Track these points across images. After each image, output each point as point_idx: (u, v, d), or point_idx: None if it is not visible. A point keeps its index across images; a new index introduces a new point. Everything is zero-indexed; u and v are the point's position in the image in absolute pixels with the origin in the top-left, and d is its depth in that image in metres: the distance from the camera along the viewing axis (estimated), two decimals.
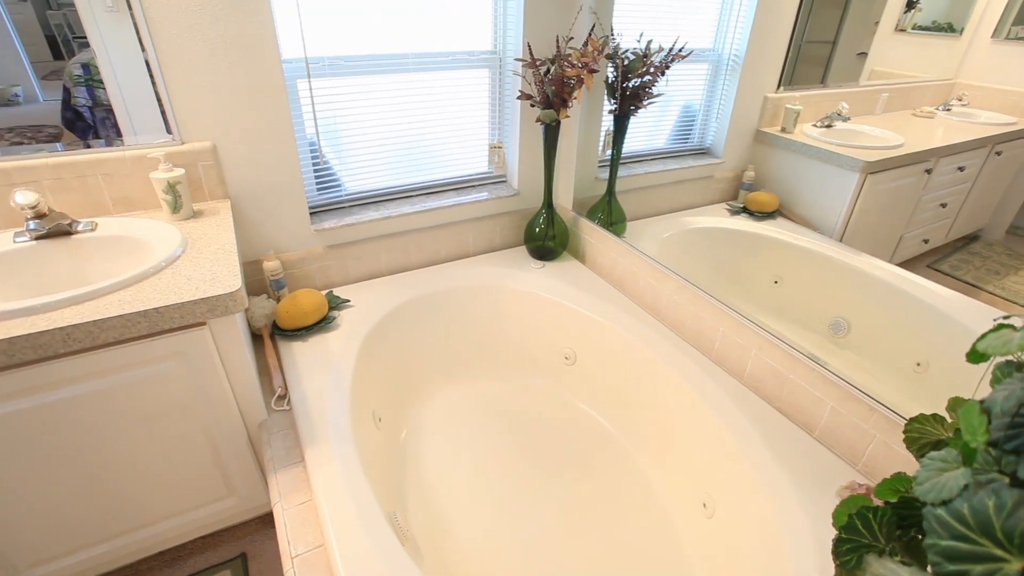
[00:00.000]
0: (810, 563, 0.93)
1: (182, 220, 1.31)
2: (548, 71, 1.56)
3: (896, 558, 0.49)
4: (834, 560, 0.51)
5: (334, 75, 1.51)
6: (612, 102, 1.67)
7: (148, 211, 1.35)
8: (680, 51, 1.47)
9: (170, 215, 1.31)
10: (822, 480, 1.09)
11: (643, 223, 1.70)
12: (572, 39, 1.67)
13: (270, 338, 1.47)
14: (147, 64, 1.24)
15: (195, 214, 1.35)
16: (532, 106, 1.65)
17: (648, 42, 1.52)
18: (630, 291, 1.72)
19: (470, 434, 1.59)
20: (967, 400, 0.47)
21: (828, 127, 1.23)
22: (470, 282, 1.75)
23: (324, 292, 1.63)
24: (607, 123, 1.73)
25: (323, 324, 1.49)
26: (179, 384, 1.12)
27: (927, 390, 1.05)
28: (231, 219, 1.33)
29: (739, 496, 1.16)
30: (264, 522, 1.48)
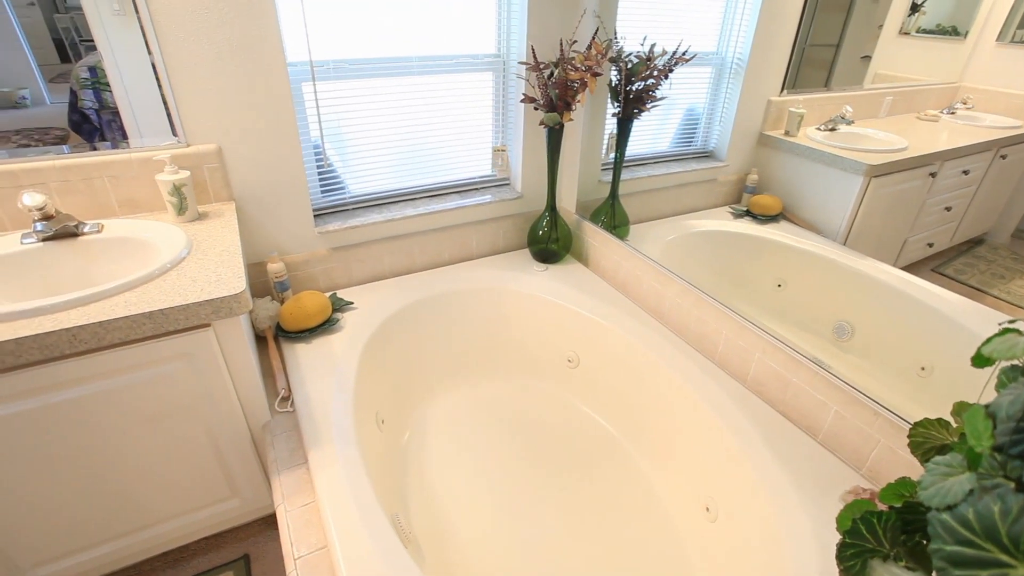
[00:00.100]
0: (813, 568, 0.93)
1: (187, 222, 1.32)
2: (552, 74, 1.56)
3: (901, 563, 0.49)
4: (838, 565, 0.51)
5: (338, 78, 1.51)
6: (615, 105, 1.67)
7: (154, 213, 1.36)
8: (683, 54, 1.48)
9: (175, 217, 1.32)
10: (826, 484, 1.09)
11: (646, 226, 1.70)
12: (576, 42, 1.67)
13: (274, 340, 1.47)
14: (153, 67, 1.25)
15: (200, 216, 1.35)
16: (535, 109, 1.65)
17: (652, 45, 1.52)
18: (633, 294, 1.72)
19: (473, 436, 1.59)
20: (972, 404, 0.47)
21: (832, 130, 1.23)
22: (473, 285, 1.76)
23: (328, 294, 1.64)
24: (610, 126, 1.73)
25: (327, 326, 1.49)
26: (184, 385, 1.12)
27: (931, 394, 1.05)
28: (236, 221, 1.33)
29: (742, 499, 1.16)
30: (267, 523, 1.48)
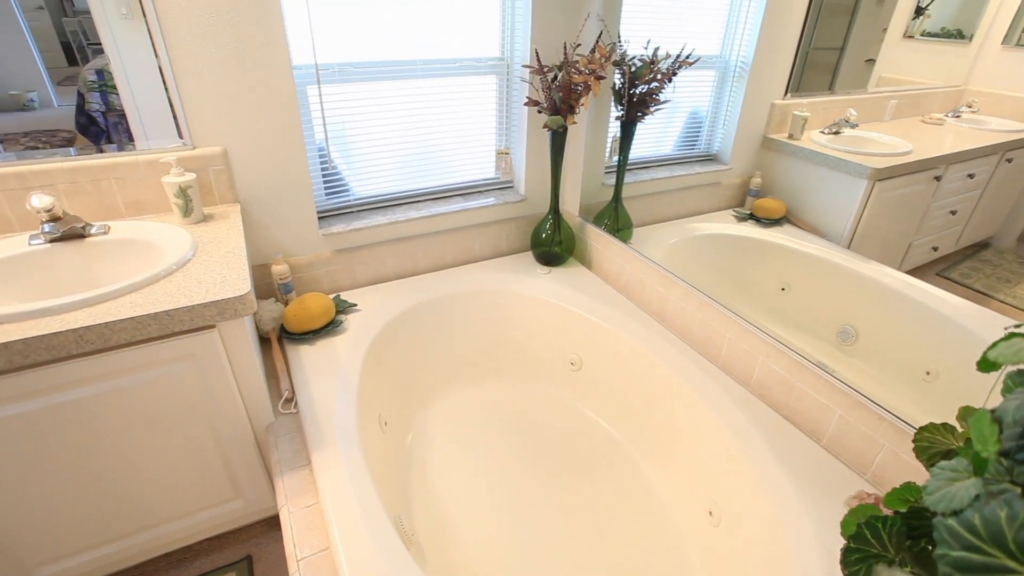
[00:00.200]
0: (817, 573, 0.92)
1: (193, 224, 1.33)
2: (555, 77, 1.56)
3: (906, 568, 0.48)
4: (842, 570, 0.51)
5: (343, 81, 1.52)
6: (619, 108, 1.68)
7: (159, 215, 1.37)
8: (687, 58, 1.48)
9: (181, 219, 1.32)
10: (830, 489, 1.08)
11: (649, 229, 1.70)
12: (579, 46, 1.68)
13: (278, 341, 1.48)
14: (160, 70, 1.26)
15: (205, 218, 1.36)
16: (539, 112, 1.66)
17: (655, 49, 1.53)
18: (636, 297, 1.72)
19: (475, 439, 1.59)
20: (978, 409, 0.47)
21: (836, 134, 1.23)
22: (476, 287, 1.76)
23: (331, 296, 1.64)
24: (614, 129, 1.73)
25: (330, 328, 1.50)
26: (188, 386, 1.13)
27: (936, 399, 1.04)
28: (241, 223, 1.34)
29: (745, 504, 1.15)
30: (270, 525, 1.48)
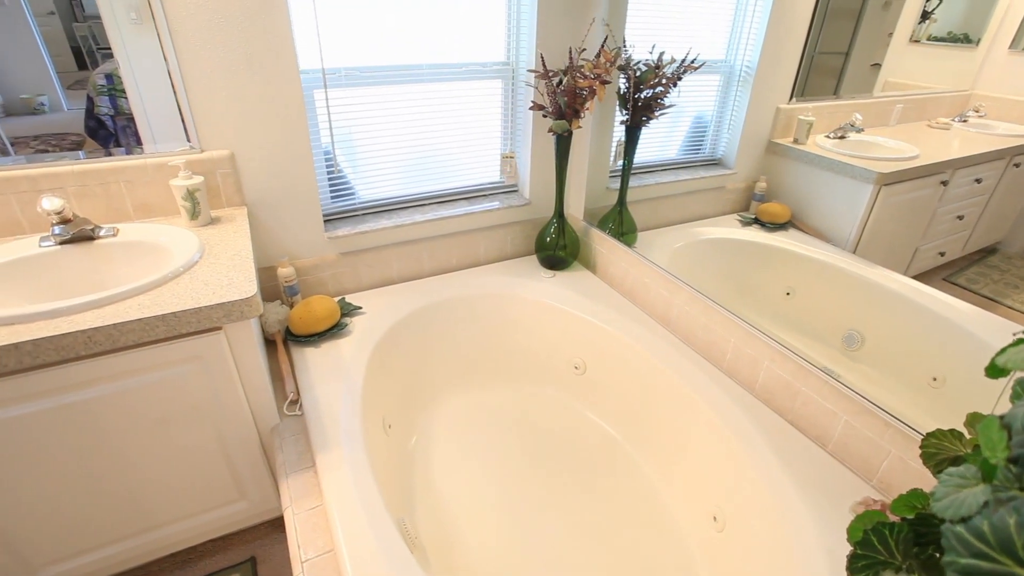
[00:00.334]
0: None
1: (200, 226, 1.34)
2: (560, 82, 1.57)
3: (913, 575, 0.48)
4: None
5: (350, 85, 1.53)
6: (624, 113, 1.68)
7: (167, 217, 1.38)
8: (692, 62, 1.48)
9: (189, 221, 1.33)
10: (835, 495, 1.08)
11: (654, 233, 1.70)
12: (585, 50, 1.68)
13: (283, 344, 1.48)
14: (169, 74, 1.27)
15: (213, 220, 1.37)
16: (544, 117, 1.66)
17: (660, 53, 1.53)
18: (641, 301, 1.72)
19: (479, 442, 1.59)
20: (986, 416, 0.46)
21: (841, 138, 1.23)
22: (481, 291, 1.76)
23: (336, 299, 1.65)
24: (619, 134, 1.74)
25: (335, 331, 1.50)
26: (194, 388, 1.13)
27: (943, 405, 1.04)
28: (247, 226, 1.35)
29: (750, 509, 1.14)
30: (274, 526, 1.49)
